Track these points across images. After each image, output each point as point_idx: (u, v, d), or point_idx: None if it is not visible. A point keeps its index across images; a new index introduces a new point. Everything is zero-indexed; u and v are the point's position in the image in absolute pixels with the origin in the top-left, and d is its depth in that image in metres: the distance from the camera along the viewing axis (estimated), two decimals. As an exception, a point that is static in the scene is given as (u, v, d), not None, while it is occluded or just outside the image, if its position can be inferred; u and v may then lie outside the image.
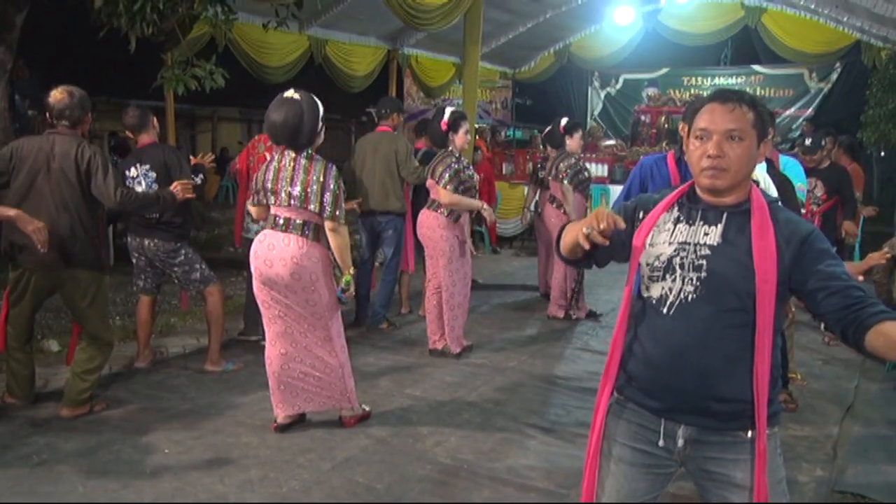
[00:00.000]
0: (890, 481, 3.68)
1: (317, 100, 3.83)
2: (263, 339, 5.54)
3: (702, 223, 1.98)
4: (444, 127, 5.29)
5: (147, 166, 4.71)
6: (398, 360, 5.37)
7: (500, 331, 6.28)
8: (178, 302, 6.56)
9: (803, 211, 4.42)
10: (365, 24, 10.40)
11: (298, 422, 4.08)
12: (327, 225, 3.79)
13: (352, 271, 3.90)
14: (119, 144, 14.34)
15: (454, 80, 13.17)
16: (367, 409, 4.22)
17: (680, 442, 1.99)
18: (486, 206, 5.44)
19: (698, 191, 2.02)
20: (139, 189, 4.59)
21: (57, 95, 4.01)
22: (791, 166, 4.45)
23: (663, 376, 1.98)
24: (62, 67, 11.36)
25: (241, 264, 7.87)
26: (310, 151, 3.86)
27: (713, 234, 1.95)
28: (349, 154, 6.95)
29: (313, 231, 3.83)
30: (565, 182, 6.52)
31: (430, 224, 5.35)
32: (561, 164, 6.60)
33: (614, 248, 2.07)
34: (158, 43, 6.93)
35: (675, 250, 1.98)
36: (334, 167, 3.87)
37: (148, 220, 4.76)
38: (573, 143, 6.64)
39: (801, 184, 4.48)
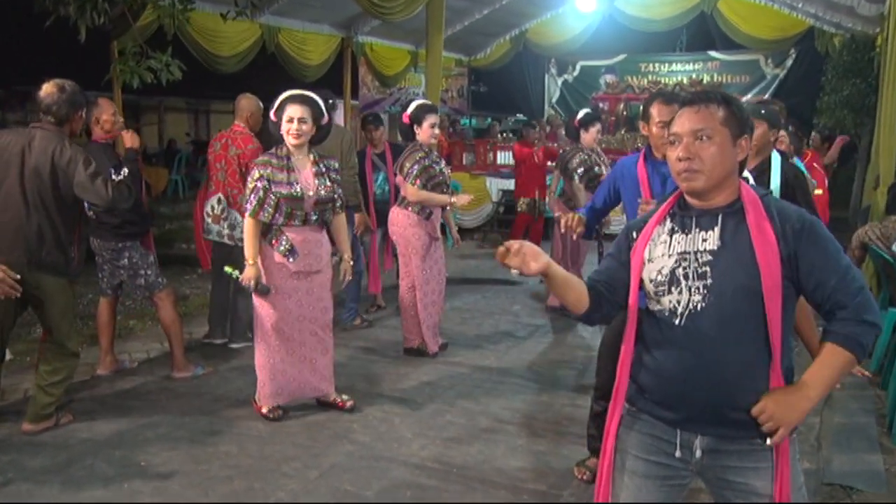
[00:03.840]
0: (874, 470, 3.71)
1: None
2: (230, 342, 5.44)
3: (698, 230, 1.95)
4: (405, 120, 5.15)
5: None
6: (373, 360, 5.24)
7: (473, 327, 6.19)
8: (131, 303, 6.35)
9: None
10: (318, 11, 10.16)
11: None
12: None
13: (248, 261, 3.95)
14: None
15: (409, 68, 12.99)
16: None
17: (697, 452, 1.96)
18: (454, 199, 5.23)
19: (687, 198, 2.00)
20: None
21: (47, 89, 3.72)
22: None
23: (678, 387, 1.94)
24: (4, 56, 10.90)
25: (194, 261, 7.62)
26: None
27: (711, 239, 1.92)
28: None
29: None
30: (576, 180, 6.22)
31: (400, 222, 5.20)
32: (571, 162, 6.28)
33: (618, 293, 2.07)
34: (107, 31, 6.64)
35: (675, 262, 1.95)
36: (259, 159, 4.06)
37: (89, 219, 4.49)
38: (588, 137, 6.31)
39: None
